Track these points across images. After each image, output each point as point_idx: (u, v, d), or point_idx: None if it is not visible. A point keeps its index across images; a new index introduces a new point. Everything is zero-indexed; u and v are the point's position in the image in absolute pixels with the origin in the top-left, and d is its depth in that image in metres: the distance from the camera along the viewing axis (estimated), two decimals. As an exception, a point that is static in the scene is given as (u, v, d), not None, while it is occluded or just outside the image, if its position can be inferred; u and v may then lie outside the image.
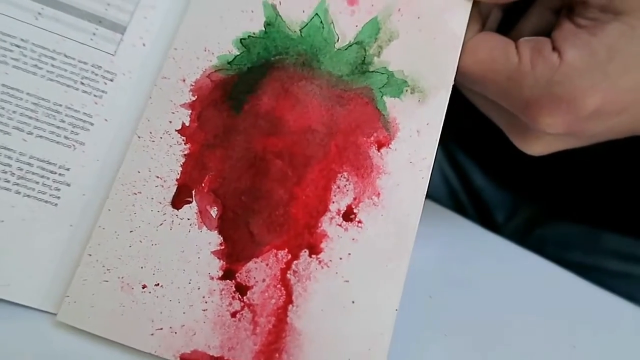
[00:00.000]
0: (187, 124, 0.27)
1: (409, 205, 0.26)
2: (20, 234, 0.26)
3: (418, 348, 0.28)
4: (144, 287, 0.25)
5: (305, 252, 0.26)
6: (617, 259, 0.42)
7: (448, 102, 0.27)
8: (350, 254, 0.26)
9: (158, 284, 0.25)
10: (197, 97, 0.27)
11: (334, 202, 0.26)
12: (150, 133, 0.26)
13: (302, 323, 0.25)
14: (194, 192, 0.26)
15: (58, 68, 0.27)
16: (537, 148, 0.29)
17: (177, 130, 0.26)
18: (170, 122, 0.27)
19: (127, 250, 0.25)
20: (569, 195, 0.45)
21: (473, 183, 0.49)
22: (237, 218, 0.26)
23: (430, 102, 0.27)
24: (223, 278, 0.25)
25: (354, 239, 0.26)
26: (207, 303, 0.25)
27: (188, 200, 0.26)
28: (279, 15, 0.28)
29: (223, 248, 0.25)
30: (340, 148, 0.27)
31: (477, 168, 0.49)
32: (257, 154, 0.26)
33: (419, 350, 0.29)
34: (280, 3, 0.28)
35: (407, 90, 0.27)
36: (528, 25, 0.29)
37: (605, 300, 0.34)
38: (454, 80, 0.27)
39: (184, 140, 0.26)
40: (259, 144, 0.27)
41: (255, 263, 0.25)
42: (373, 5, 0.28)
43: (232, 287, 0.25)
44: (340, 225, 0.26)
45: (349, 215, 0.26)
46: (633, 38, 0.24)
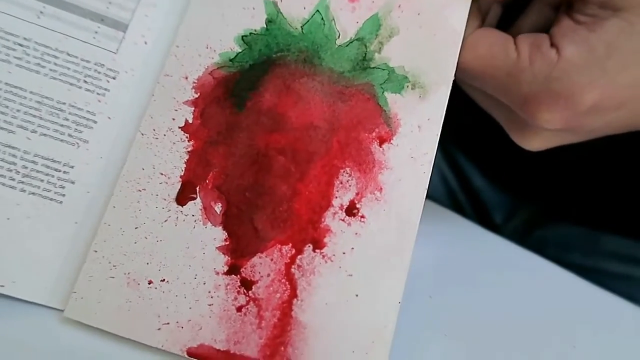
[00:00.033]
0: (190, 121, 0.27)
1: (411, 200, 0.27)
2: (26, 232, 0.26)
3: (418, 348, 0.29)
4: (150, 282, 0.25)
5: (309, 247, 0.26)
6: (616, 261, 0.42)
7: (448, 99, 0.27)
8: (354, 249, 0.26)
9: (164, 280, 0.25)
10: (199, 94, 0.27)
11: (337, 197, 0.26)
12: (154, 130, 0.27)
13: (306, 317, 0.25)
14: (198, 188, 0.26)
15: (61, 66, 0.27)
16: (535, 144, 0.29)
17: (180, 128, 0.27)
18: (174, 119, 0.27)
19: (132, 247, 0.25)
20: (568, 197, 0.45)
21: (472, 183, 0.49)
22: (241, 214, 0.26)
23: (431, 97, 0.27)
24: (228, 273, 0.26)
25: (357, 234, 0.26)
26: (212, 298, 0.25)
27: (192, 197, 0.26)
28: (280, 12, 0.28)
29: (228, 244, 0.26)
30: (342, 144, 0.27)
31: (475, 169, 0.49)
32: (260, 151, 0.27)
33: (419, 350, 0.29)
34: (282, 0, 0.28)
35: (408, 86, 0.27)
36: (527, 22, 0.29)
37: (605, 300, 0.33)
38: (454, 76, 0.28)
39: (187, 137, 0.27)
40: (262, 141, 0.27)
41: (260, 258, 0.26)
42: (373, 2, 0.28)
43: (237, 282, 0.26)
44: (343, 220, 0.26)
45: (352, 210, 0.26)
46: (632, 34, 0.24)
